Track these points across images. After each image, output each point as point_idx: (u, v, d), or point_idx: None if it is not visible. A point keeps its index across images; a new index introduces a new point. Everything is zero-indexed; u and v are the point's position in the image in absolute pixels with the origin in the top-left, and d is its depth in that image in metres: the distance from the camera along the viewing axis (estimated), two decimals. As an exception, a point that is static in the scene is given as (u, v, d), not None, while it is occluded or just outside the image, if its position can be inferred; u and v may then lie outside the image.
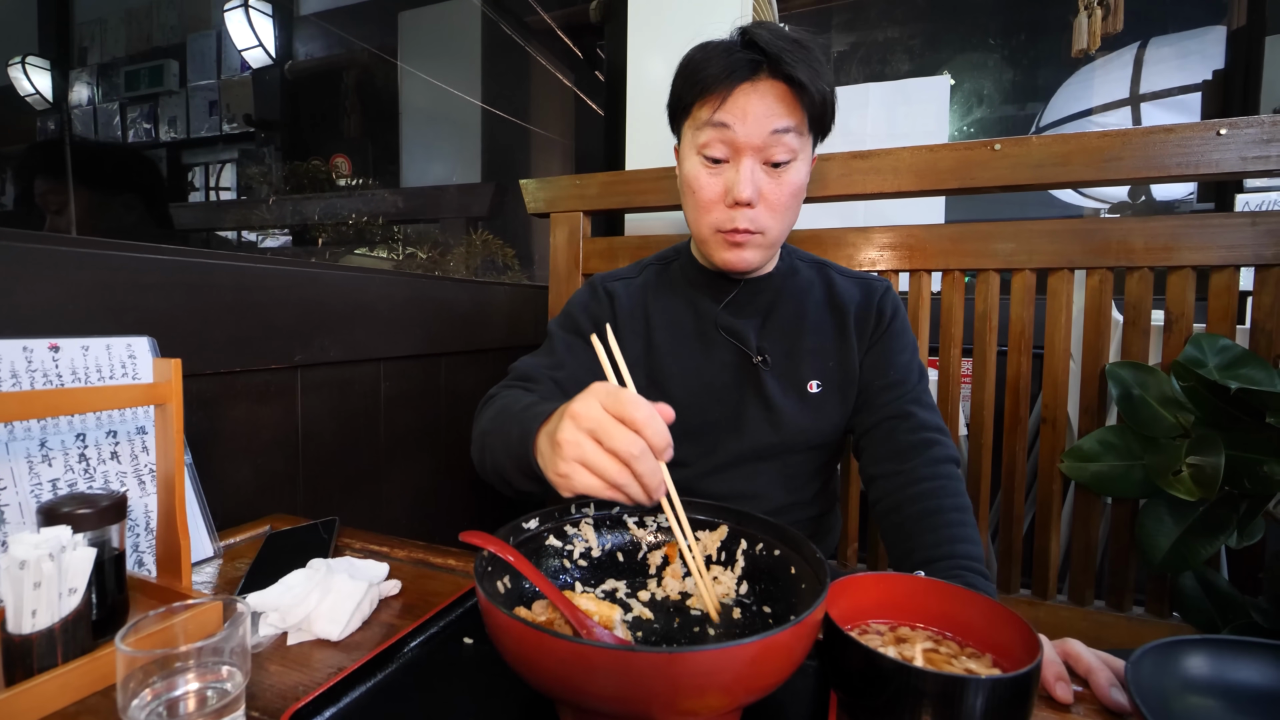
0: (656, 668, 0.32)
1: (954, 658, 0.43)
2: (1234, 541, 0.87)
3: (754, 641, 0.33)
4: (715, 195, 0.73)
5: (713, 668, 0.33)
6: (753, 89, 0.69)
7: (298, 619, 0.53)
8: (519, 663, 0.37)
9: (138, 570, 0.63)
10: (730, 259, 0.76)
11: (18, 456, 0.57)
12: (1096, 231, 0.99)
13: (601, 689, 0.34)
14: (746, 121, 0.69)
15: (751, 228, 0.73)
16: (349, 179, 3.67)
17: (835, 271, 0.87)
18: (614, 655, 0.33)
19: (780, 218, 0.74)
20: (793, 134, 0.70)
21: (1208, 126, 0.90)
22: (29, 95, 3.66)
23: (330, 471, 1.01)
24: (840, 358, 0.81)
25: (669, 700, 0.33)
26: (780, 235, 0.77)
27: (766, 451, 0.79)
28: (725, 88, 0.69)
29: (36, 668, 0.42)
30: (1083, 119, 2.77)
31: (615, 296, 0.85)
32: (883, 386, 0.79)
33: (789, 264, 0.86)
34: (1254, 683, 0.37)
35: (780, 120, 0.69)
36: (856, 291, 0.84)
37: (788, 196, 0.73)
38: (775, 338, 0.81)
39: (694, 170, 0.74)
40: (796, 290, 0.84)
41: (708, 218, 0.75)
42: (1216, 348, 0.92)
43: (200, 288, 0.81)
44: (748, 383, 0.80)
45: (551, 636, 0.34)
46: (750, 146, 0.70)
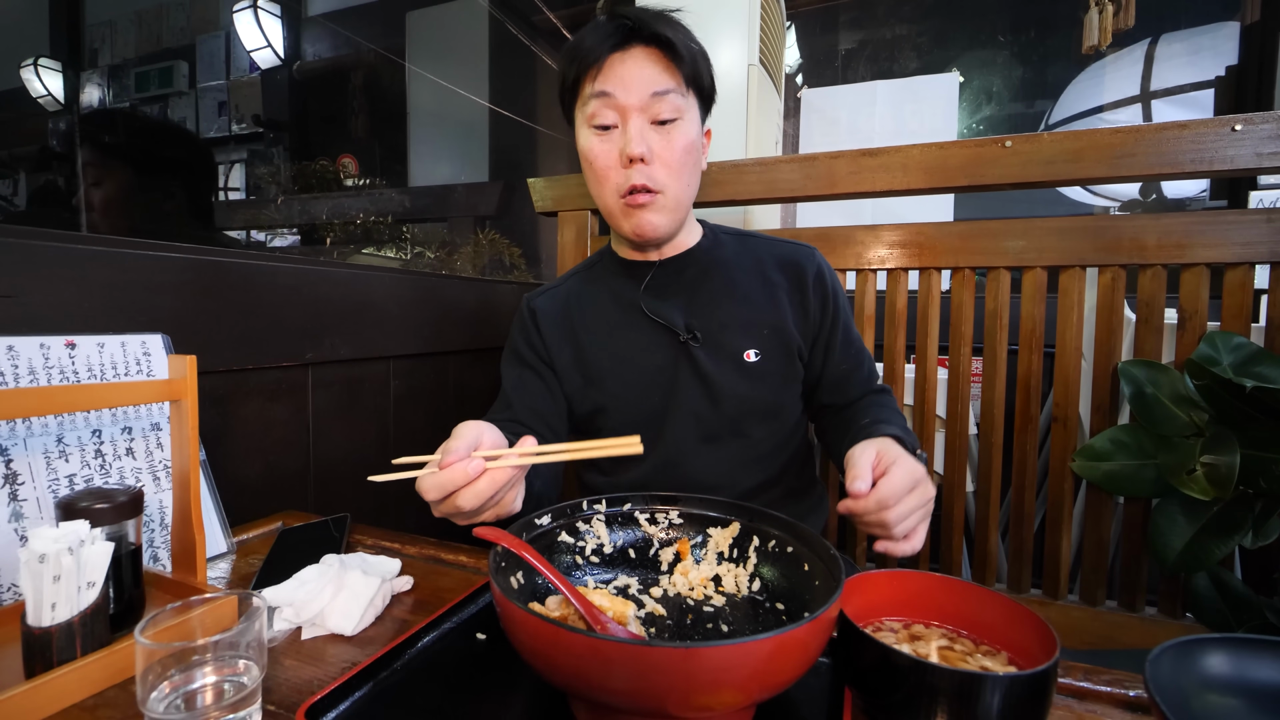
0: (672, 663, 0.32)
1: (969, 655, 0.43)
2: (1248, 541, 0.86)
3: (769, 637, 0.33)
4: (610, 160, 0.75)
5: (728, 663, 0.33)
6: (626, 55, 0.73)
7: (312, 614, 0.53)
8: (534, 657, 0.37)
9: (153, 565, 0.63)
10: (638, 223, 0.77)
11: (35, 452, 0.58)
12: (1109, 229, 0.98)
13: (616, 684, 0.34)
14: (627, 85, 0.73)
15: (650, 184, 0.74)
16: (357, 179, 3.68)
17: (758, 240, 0.88)
18: (629, 650, 0.33)
19: (676, 175, 0.76)
20: (674, 94, 0.73)
21: (1222, 122, 0.89)
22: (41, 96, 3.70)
23: (341, 468, 1.01)
24: (775, 326, 0.81)
25: (684, 696, 0.33)
26: (681, 196, 0.78)
27: (714, 430, 0.80)
28: (599, 57, 0.73)
29: (56, 660, 0.43)
30: (1093, 116, 2.74)
31: (538, 312, 0.87)
32: (852, 368, 0.84)
33: (712, 238, 0.87)
34: (1274, 681, 0.37)
35: (658, 83, 0.73)
36: (787, 261, 0.85)
37: (680, 152, 0.75)
38: (704, 312, 0.81)
39: (587, 141, 0.77)
40: (722, 262, 0.84)
41: (608, 185, 0.77)
42: (1231, 346, 0.91)
43: (213, 286, 0.82)
44: (681, 361, 0.80)
45: (567, 631, 0.34)
46: (634, 108, 0.73)
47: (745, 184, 1.16)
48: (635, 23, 0.73)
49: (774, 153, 1.71)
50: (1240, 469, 0.83)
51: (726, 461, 0.80)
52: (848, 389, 0.84)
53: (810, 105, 2.47)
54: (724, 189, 1.19)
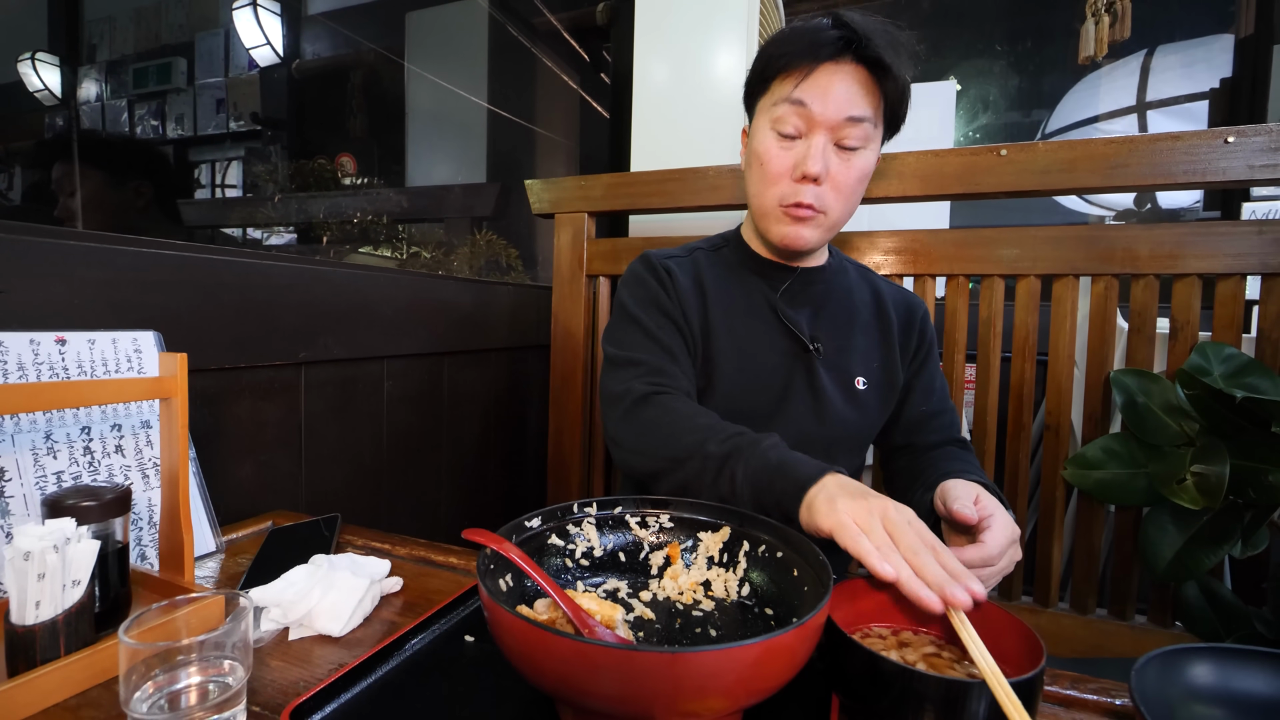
0: (659, 667, 0.32)
1: (956, 662, 0.43)
2: (1238, 551, 0.86)
3: (757, 643, 0.33)
4: (784, 169, 0.74)
5: (715, 668, 0.33)
6: (836, 68, 0.69)
7: (299, 615, 0.53)
8: (521, 661, 0.37)
9: (140, 564, 0.63)
10: (789, 234, 0.75)
11: (23, 448, 0.57)
12: (1102, 238, 0.99)
13: (603, 688, 0.34)
14: (825, 101, 0.70)
15: (816, 204, 0.73)
16: (354, 178, 3.68)
17: (879, 279, 0.89)
18: (616, 654, 0.33)
19: (844, 200, 0.75)
20: (868, 123, 0.71)
21: (1215, 134, 0.90)
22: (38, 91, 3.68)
23: (332, 469, 1.01)
24: (884, 361, 0.82)
25: (670, 700, 0.33)
26: (840, 220, 0.77)
27: (808, 443, 0.77)
28: (809, 64, 0.69)
29: (39, 659, 0.43)
30: (1088, 126, 2.76)
31: (672, 273, 0.83)
32: (929, 414, 0.85)
33: (838, 262, 0.87)
34: (1259, 692, 0.37)
35: (858, 108, 0.70)
36: (901, 302, 0.87)
37: (855, 180, 0.74)
38: (827, 329, 0.81)
39: (766, 144, 0.74)
40: (846, 287, 0.85)
41: (773, 190, 0.75)
42: (1222, 356, 0.91)
43: (206, 284, 0.81)
44: (799, 370, 0.79)
45: (554, 635, 0.34)
46: (825, 125, 0.71)
47: (742, 190, 1.16)
48: (860, 37, 0.68)
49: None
50: (1230, 479, 0.83)
51: None
52: (926, 432, 0.84)
53: (808, 111, 2.47)
54: (721, 193, 1.19)
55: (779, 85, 0.72)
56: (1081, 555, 1.04)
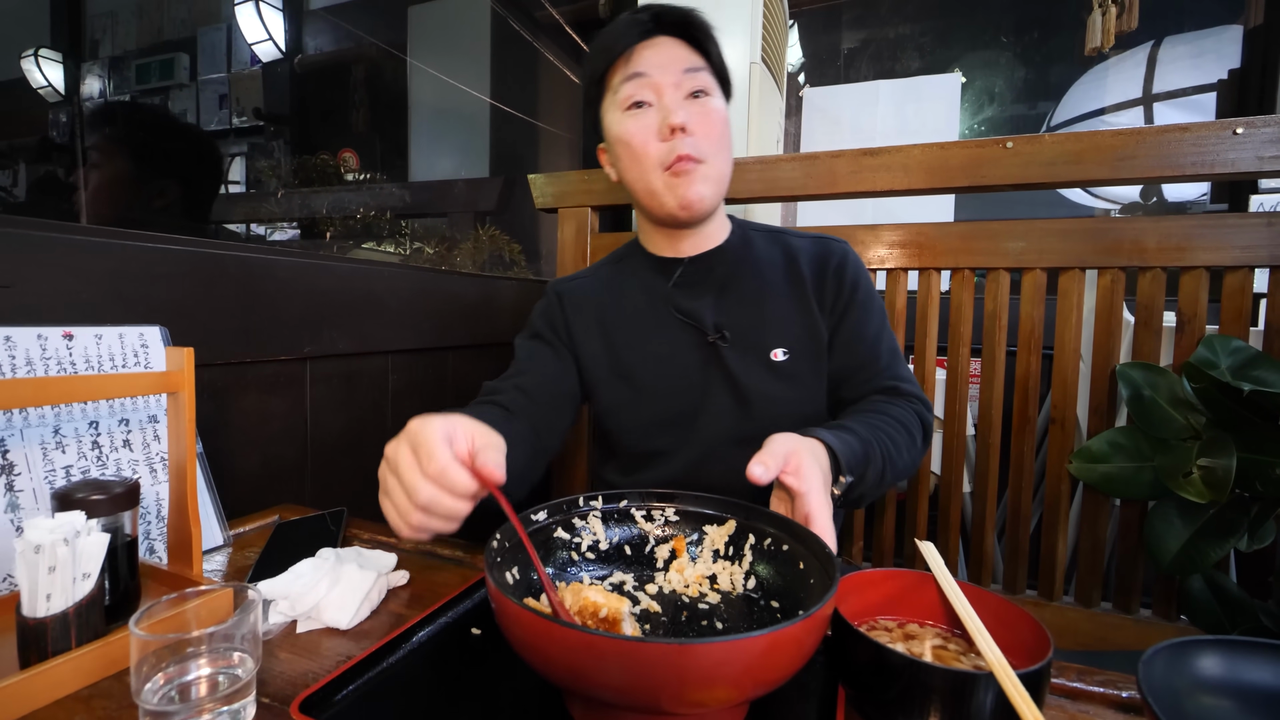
0: (666, 658, 0.32)
1: (962, 654, 0.43)
2: (1244, 545, 0.86)
3: (764, 635, 0.33)
4: (649, 134, 0.75)
5: (722, 660, 0.33)
6: (653, 43, 0.75)
7: (307, 607, 0.53)
8: (528, 652, 0.37)
9: (149, 557, 0.63)
10: (686, 196, 0.75)
11: (32, 443, 0.58)
12: (1109, 231, 0.98)
13: (610, 679, 0.34)
14: (660, 63, 0.75)
15: (694, 153, 0.74)
16: (357, 173, 3.68)
17: (790, 236, 0.86)
18: (623, 646, 0.33)
19: (716, 146, 0.76)
20: (704, 72, 0.75)
21: (1223, 125, 0.89)
22: (41, 87, 3.68)
23: (338, 462, 1.01)
24: (805, 324, 0.79)
25: (677, 691, 0.33)
26: (723, 170, 0.78)
27: (742, 433, 0.77)
28: (627, 46, 0.75)
29: (50, 651, 0.43)
30: (1095, 118, 2.74)
31: (564, 297, 0.86)
32: (858, 365, 0.79)
33: (741, 235, 0.85)
34: (1267, 684, 0.37)
35: (690, 61, 0.75)
36: (813, 251, 0.83)
37: (719, 124, 0.76)
38: (734, 311, 0.80)
39: (621, 124, 0.77)
40: (752, 260, 0.83)
41: (649, 160, 0.75)
42: (1229, 349, 0.91)
43: (211, 279, 0.81)
44: (711, 362, 0.79)
45: (561, 626, 0.34)
46: (669, 84, 0.74)
47: (746, 182, 1.16)
48: (660, 14, 0.75)
49: (775, 151, 1.70)
50: (1237, 472, 0.83)
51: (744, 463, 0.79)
52: (851, 387, 0.79)
53: (812, 104, 2.46)
54: (724, 187, 1.19)
55: (614, 77, 0.77)
56: (1087, 548, 1.04)
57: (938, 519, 1.14)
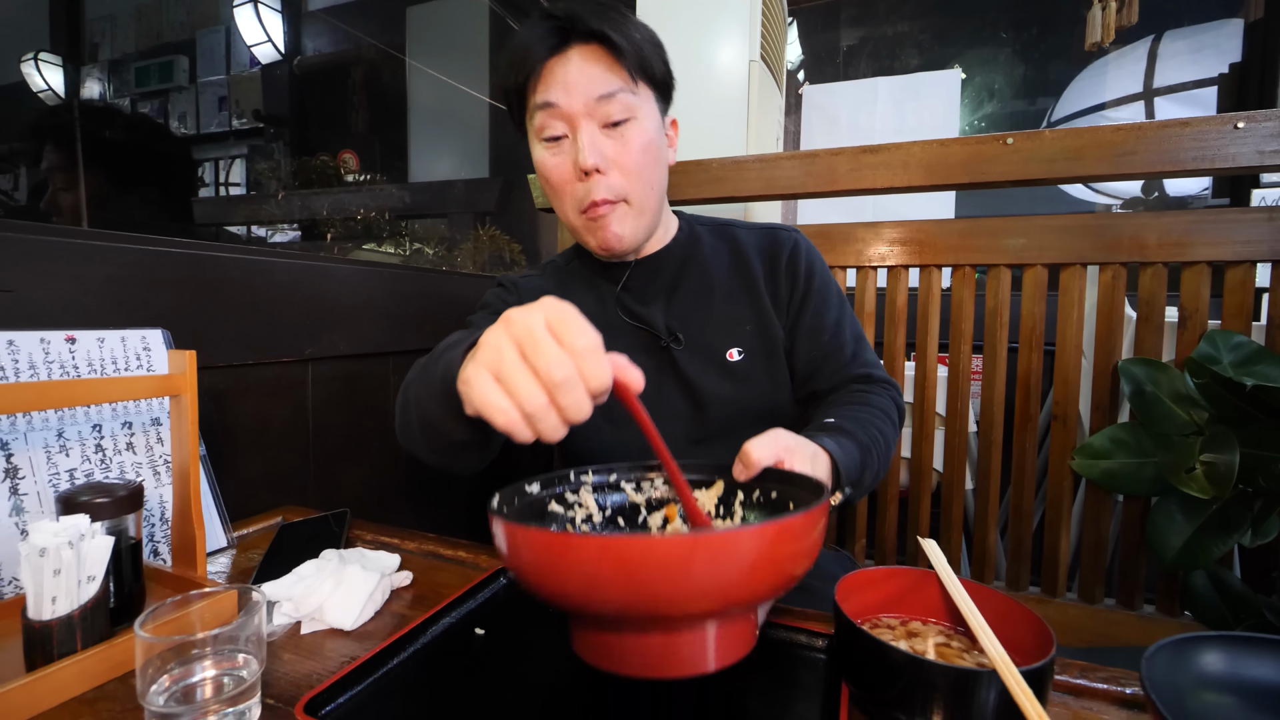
0: (680, 552, 0.33)
1: (966, 652, 0.43)
2: (1247, 540, 0.86)
3: (769, 523, 0.35)
4: (565, 174, 0.71)
5: (732, 549, 0.34)
6: (565, 58, 0.67)
7: (311, 608, 0.53)
8: (542, 578, 0.37)
9: (153, 560, 0.64)
10: (603, 239, 0.72)
11: (36, 446, 0.58)
12: (1110, 227, 0.98)
13: (625, 587, 0.34)
14: (568, 91, 0.67)
15: (610, 196, 0.69)
16: (357, 174, 3.68)
17: (738, 228, 0.83)
18: (640, 544, 0.34)
19: (637, 180, 0.70)
20: (622, 93, 0.67)
21: (1224, 120, 0.89)
22: (41, 91, 3.69)
23: (340, 464, 1.01)
24: (758, 321, 0.77)
25: (691, 593, 0.34)
26: (646, 200, 0.72)
27: (698, 434, 0.76)
28: (537, 64, 0.67)
29: (56, 654, 0.43)
30: (1095, 113, 2.74)
31: (519, 286, 0.83)
32: (824, 355, 0.77)
33: (689, 233, 0.83)
34: (1271, 680, 0.37)
35: (603, 84, 0.67)
36: (761, 243, 0.80)
37: (637, 154, 0.69)
38: (685, 313, 0.77)
39: (541, 156, 0.72)
40: (700, 259, 0.80)
41: (567, 200, 0.72)
42: (1231, 344, 0.91)
43: (212, 282, 0.82)
44: (664, 367, 0.77)
45: (577, 537, 0.35)
46: (581, 114, 0.68)
47: (745, 180, 1.16)
48: (568, 21, 0.66)
49: (775, 149, 1.70)
50: (1239, 468, 0.83)
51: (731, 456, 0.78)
52: (821, 379, 0.77)
53: (811, 102, 2.46)
54: (724, 185, 1.19)
55: (528, 97, 0.70)
56: (1089, 545, 1.04)
57: (940, 516, 1.14)
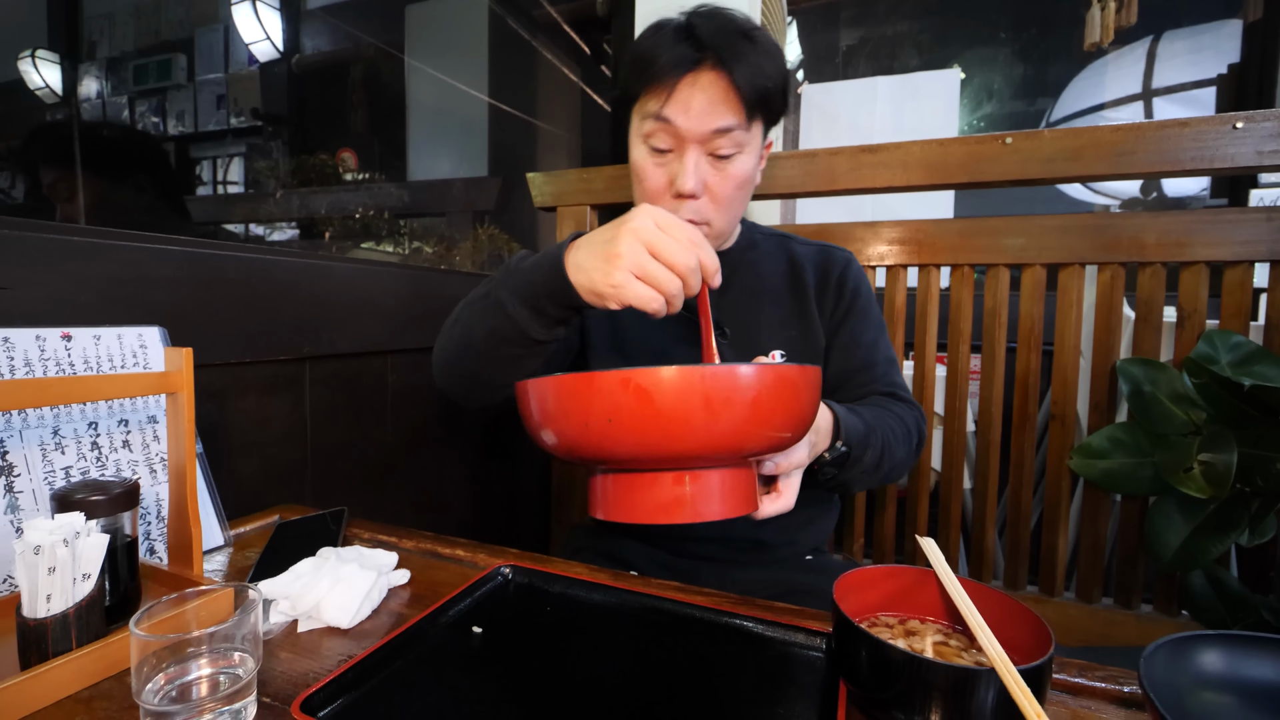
0: (692, 378, 0.40)
1: (964, 651, 0.43)
2: (1245, 540, 0.86)
3: (768, 366, 0.42)
4: (660, 185, 0.73)
5: (734, 382, 0.41)
6: (694, 83, 0.68)
7: (308, 607, 0.53)
8: (566, 422, 0.42)
9: (149, 558, 0.63)
10: None
11: (31, 444, 0.58)
12: (1108, 227, 0.98)
13: (642, 414, 0.39)
14: (689, 117, 0.68)
15: (696, 218, 0.73)
16: (355, 173, 3.68)
17: (796, 242, 0.87)
18: (655, 372, 0.39)
19: (724, 210, 0.74)
20: (737, 130, 0.69)
21: (1223, 120, 0.89)
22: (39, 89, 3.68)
23: (338, 463, 1.01)
24: (802, 328, 0.81)
25: (697, 422, 0.40)
26: (725, 227, 0.77)
27: None
28: (669, 81, 0.68)
29: (51, 652, 0.43)
30: (1094, 113, 2.74)
31: None
32: (853, 370, 0.80)
33: (748, 239, 0.86)
34: (1269, 679, 0.37)
35: (721, 119, 0.68)
36: (816, 258, 0.84)
37: (732, 188, 0.73)
38: (734, 310, 0.81)
39: (641, 159, 0.74)
40: (755, 262, 0.84)
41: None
42: (1229, 344, 0.91)
43: (209, 280, 0.81)
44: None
45: (602, 373, 0.39)
46: (694, 139, 0.70)
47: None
48: (707, 46, 0.67)
49: (774, 148, 1.70)
50: (1237, 467, 0.83)
51: None
52: (847, 390, 0.81)
53: (811, 101, 2.46)
54: (723, 185, 1.19)
55: (646, 100, 0.71)
56: (1087, 545, 1.04)
57: (938, 516, 1.14)
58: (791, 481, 0.57)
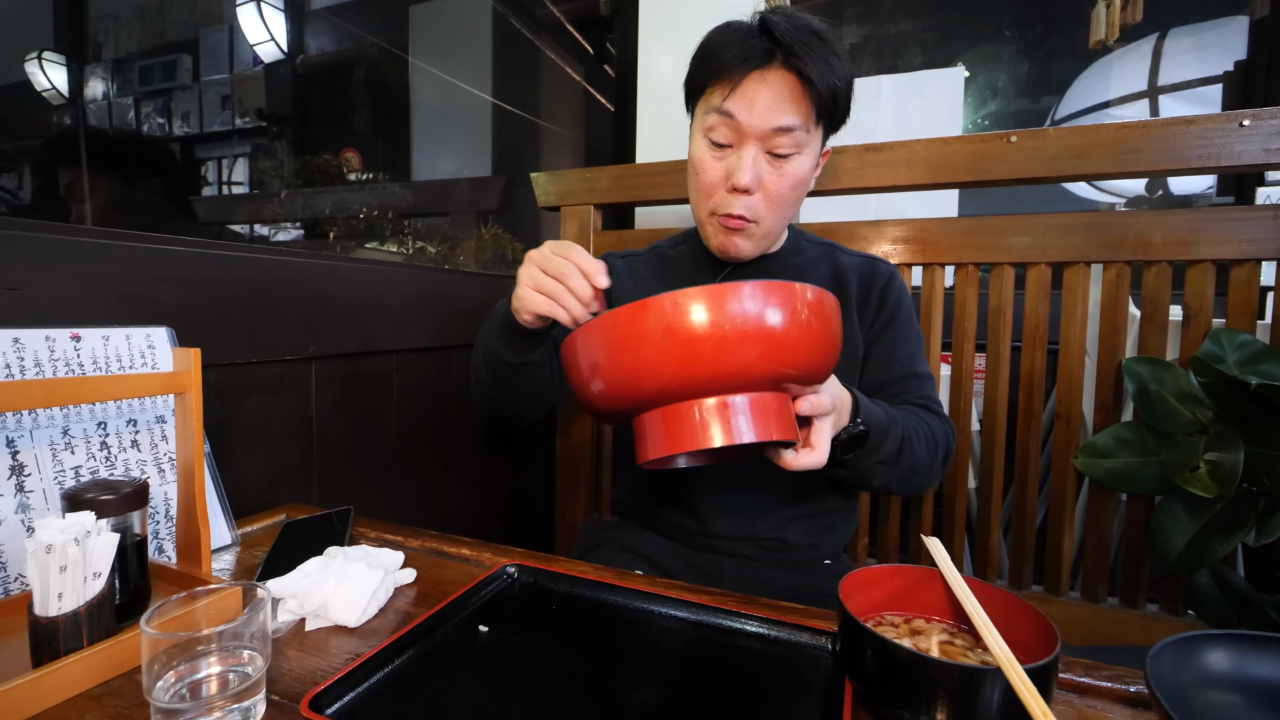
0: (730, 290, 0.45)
1: (969, 650, 0.43)
2: (1251, 539, 0.86)
3: (785, 283, 0.48)
4: (717, 179, 0.74)
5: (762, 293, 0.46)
6: (762, 79, 0.69)
7: (315, 605, 0.53)
8: (617, 358, 0.47)
9: (158, 557, 0.64)
10: (725, 244, 0.77)
11: (41, 444, 0.58)
12: (1114, 225, 0.98)
13: (696, 333, 0.44)
14: (752, 112, 0.69)
15: (747, 215, 0.74)
16: (360, 173, 3.68)
17: (841, 252, 0.87)
18: (697, 290, 0.45)
19: (777, 209, 0.75)
20: (799, 130, 0.70)
21: (1230, 118, 0.88)
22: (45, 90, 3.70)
23: (344, 462, 1.01)
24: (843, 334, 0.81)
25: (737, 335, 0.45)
26: (775, 228, 0.78)
27: None
28: (735, 75, 0.69)
29: (62, 650, 0.43)
30: (1100, 111, 2.73)
31: (615, 271, 0.86)
32: (888, 380, 0.80)
33: (794, 244, 0.87)
34: (1275, 678, 0.37)
35: (785, 117, 0.69)
36: (861, 268, 0.84)
37: (787, 188, 0.74)
38: None
39: (700, 152, 0.75)
40: (799, 269, 0.84)
41: (707, 201, 0.76)
42: (1236, 343, 0.90)
43: (216, 280, 0.82)
44: None
45: (648, 300, 0.45)
46: (754, 135, 0.70)
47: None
48: (780, 44, 0.67)
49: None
50: (1244, 466, 0.83)
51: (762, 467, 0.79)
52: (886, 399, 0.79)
53: (814, 100, 2.45)
54: (727, 184, 1.19)
55: (710, 93, 0.72)
56: (1092, 544, 1.04)
57: (943, 515, 1.14)
58: (822, 436, 0.57)
